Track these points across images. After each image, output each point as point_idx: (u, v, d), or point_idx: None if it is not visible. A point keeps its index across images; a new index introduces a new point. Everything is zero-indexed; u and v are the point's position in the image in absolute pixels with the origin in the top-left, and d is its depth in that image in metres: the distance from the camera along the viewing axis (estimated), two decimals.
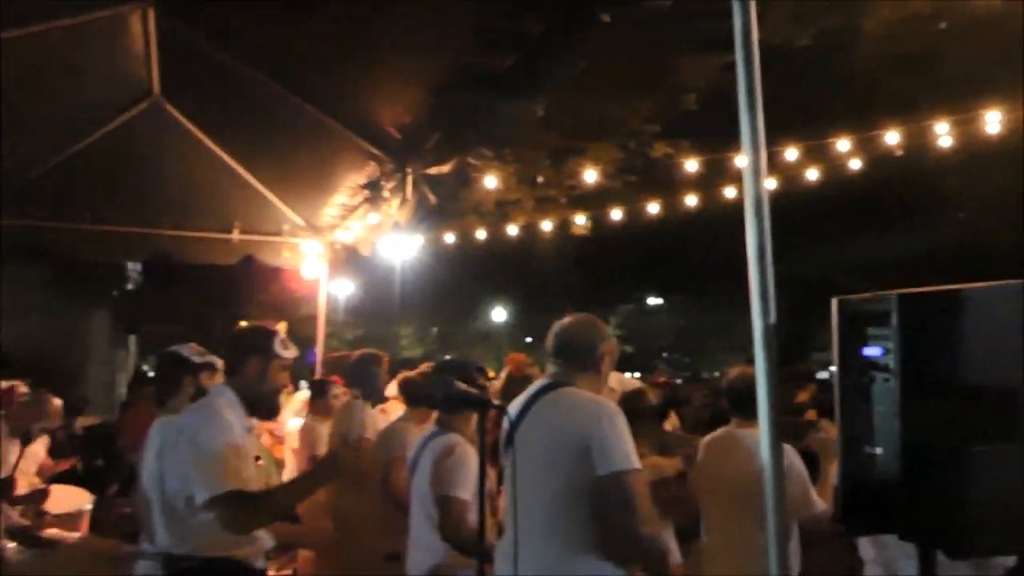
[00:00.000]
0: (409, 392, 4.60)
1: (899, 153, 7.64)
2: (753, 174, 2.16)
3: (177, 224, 6.57)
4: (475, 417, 3.49)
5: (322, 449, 4.83)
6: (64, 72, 4.69)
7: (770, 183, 7.75)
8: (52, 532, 4.32)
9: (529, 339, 35.39)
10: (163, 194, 6.30)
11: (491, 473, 3.47)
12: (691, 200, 8.88)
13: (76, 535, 4.43)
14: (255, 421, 2.85)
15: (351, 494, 4.24)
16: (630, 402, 3.72)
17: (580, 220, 7.77)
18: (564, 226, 7.52)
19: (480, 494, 2.04)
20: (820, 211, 12.80)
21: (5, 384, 4.58)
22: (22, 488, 4.43)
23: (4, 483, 3.82)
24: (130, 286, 16.39)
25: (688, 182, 8.87)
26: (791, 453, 3.24)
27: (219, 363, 3.62)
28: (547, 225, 7.13)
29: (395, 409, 5.25)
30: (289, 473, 5.69)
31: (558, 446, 2.49)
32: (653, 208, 8.40)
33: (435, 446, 3.36)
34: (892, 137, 7.59)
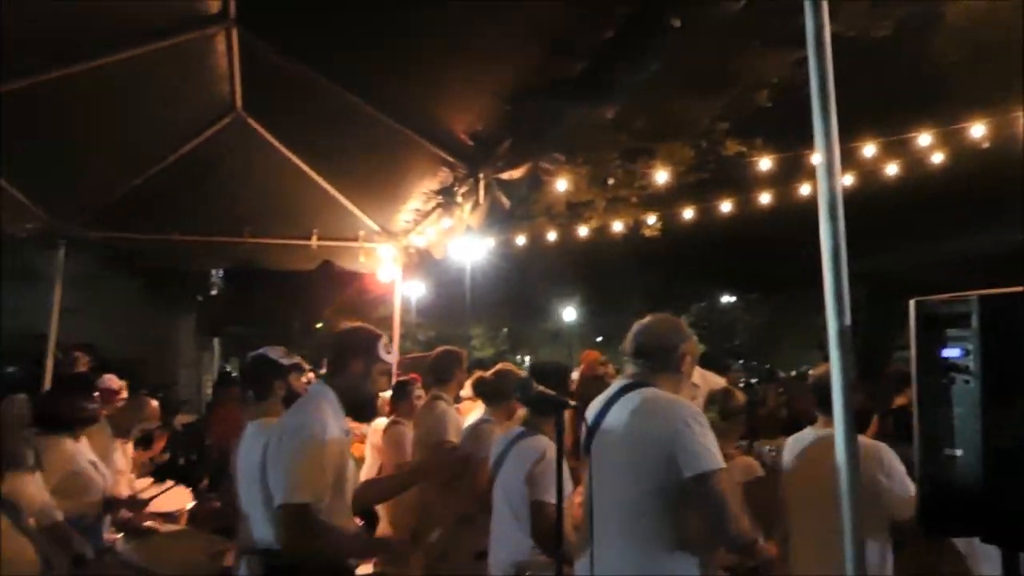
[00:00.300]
0: (485, 392, 4.64)
1: (985, 146, 7.34)
2: (827, 175, 2.15)
3: (259, 232, 6.83)
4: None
5: (409, 452, 4.90)
6: (154, 92, 4.95)
7: (846, 179, 7.56)
8: (151, 524, 4.58)
9: (600, 338, 35.27)
10: (246, 204, 6.56)
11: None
12: (765, 198, 8.72)
13: (174, 527, 4.69)
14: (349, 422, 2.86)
15: (437, 494, 4.33)
16: (719, 402, 3.69)
17: (651, 220, 7.68)
18: (636, 226, 7.47)
19: (558, 494, 2.10)
20: (901, 206, 12.34)
21: (116, 384, 4.83)
22: (122, 485, 4.69)
23: (109, 501, 4.02)
24: (214, 292, 17.10)
25: (761, 179, 8.71)
26: (888, 453, 3.14)
27: (306, 365, 3.75)
28: (618, 226, 7.09)
29: (469, 409, 5.34)
30: (368, 471, 5.84)
31: (640, 448, 2.50)
32: (726, 207, 8.27)
33: (524, 448, 3.37)
34: (977, 130, 7.29)
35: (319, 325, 22.44)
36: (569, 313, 33.56)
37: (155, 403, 5.19)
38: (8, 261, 12.50)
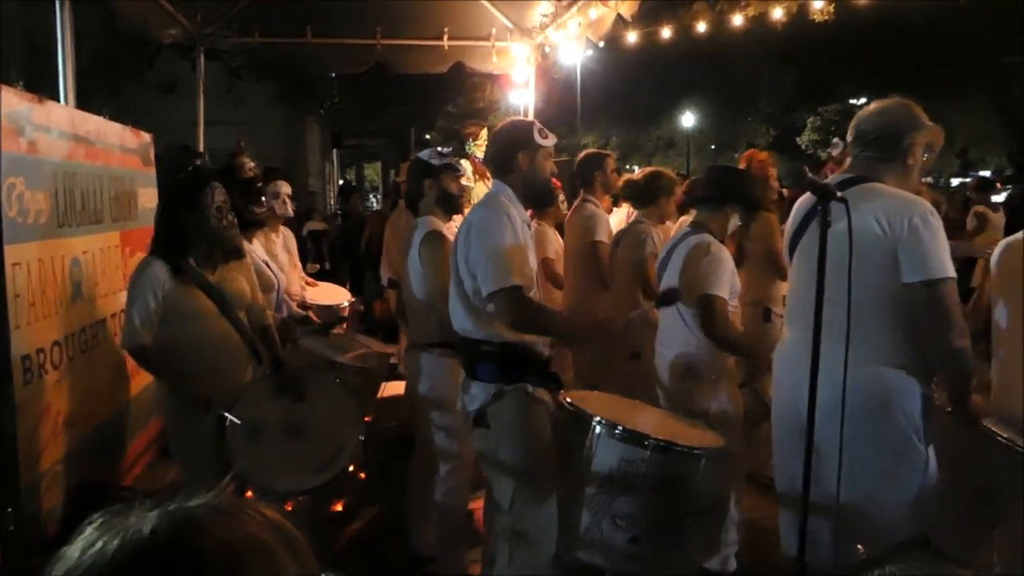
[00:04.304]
0: (636, 194, 4.56)
1: None
2: None
3: (391, 34, 6.59)
4: (729, 217, 3.37)
5: (552, 249, 4.88)
6: None
7: None
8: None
9: (713, 147, 33.83)
10: (378, 3, 6.28)
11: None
12: None
13: (341, 328, 4.95)
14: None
15: (596, 294, 4.37)
16: None
17: (819, 3, 6.48)
18: (800, 13, 6.47)
19: (819, 282, 1.93)
20: None
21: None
22: (294, 284, 4.87)
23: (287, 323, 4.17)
24: (336, 100, 17.14)
25: None
26: None
27: (463, 165, 3.72)
28: (778, 12, 6.17)
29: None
30: None
31: (859, 248, 2.30)
32: None
33: (690, 245, 3.33)
34: None
35: (427, 136, 22.45)
36: (688, 119, 32.05)
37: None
38: (152, 76, 12.88)
